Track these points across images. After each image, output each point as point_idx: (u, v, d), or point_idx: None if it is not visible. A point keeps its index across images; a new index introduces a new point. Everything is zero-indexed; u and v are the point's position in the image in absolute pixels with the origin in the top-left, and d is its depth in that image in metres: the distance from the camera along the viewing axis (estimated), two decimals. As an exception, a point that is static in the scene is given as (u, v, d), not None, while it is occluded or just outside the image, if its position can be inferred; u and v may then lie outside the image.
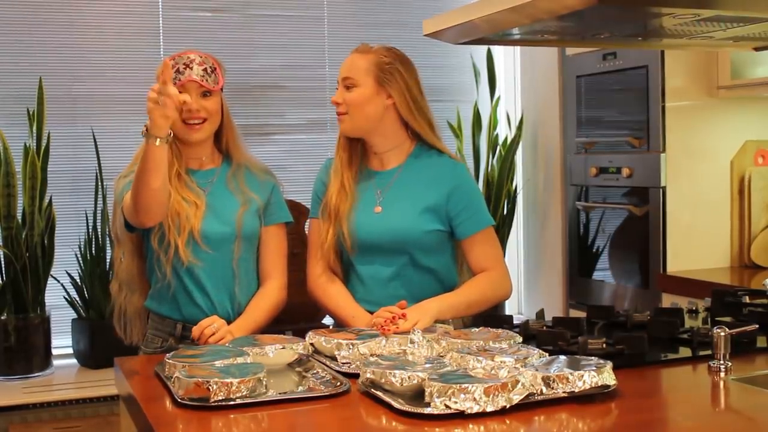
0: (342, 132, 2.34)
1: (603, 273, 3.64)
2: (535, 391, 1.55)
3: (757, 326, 1.95)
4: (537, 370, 1.58)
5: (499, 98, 4.10)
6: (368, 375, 1.63)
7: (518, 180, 4.20)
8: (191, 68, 2.26)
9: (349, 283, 2.35)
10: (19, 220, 3.36)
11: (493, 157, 4.03)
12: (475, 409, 1.47)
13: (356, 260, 2.31)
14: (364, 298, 2.30)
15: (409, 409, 1.50)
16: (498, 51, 4.25)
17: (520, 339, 1.92)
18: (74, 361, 3.57)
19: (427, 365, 1.65)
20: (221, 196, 2.29)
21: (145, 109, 2.04)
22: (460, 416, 1.47)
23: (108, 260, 3.52)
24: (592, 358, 1.67)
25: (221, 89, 2.31)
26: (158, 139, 2.05)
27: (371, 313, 2.21)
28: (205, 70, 2.27)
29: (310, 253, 2.37)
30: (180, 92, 2.10)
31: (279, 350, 1.84)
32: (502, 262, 2.37)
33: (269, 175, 2.42)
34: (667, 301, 3.02)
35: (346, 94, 2.29)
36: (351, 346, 1.85)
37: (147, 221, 2.17)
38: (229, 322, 2.24)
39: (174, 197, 2.23)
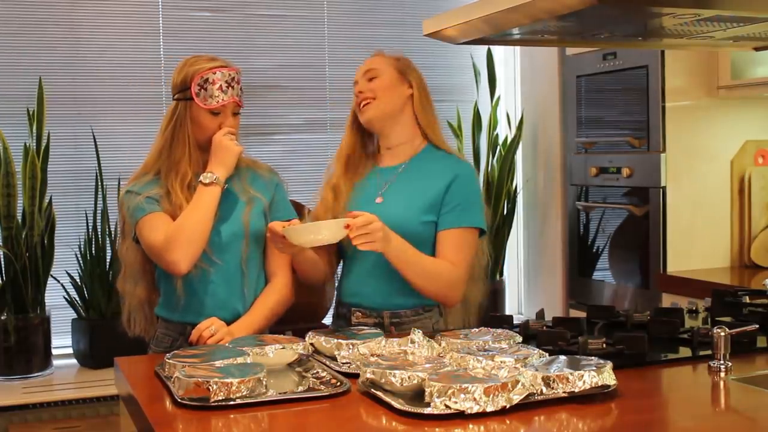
0: (365, 120, 2.37)
1: (603, 273, 3.64)
2: (535, 391, 1.55)
3: (757, 326, 1.95)
4: (537, 370, 1.58)
5: (499, 98, 4.10)
6: (368, 375, 1.63)
7: (518, 180, 4.20)
8: (233, 87, 2.28)
9: (347, 274, 2.37)
10: (19, 220, 3.36)
11: (493, 157, 4.03)
12: (475, 409, 1.47)
13: (353, 250, 2.31)
14: (358, 290, 2.33)
15: (409, 409, 1.50)
16: (498, 51, 4.25)
17: (520, 339, 1.92)
18: (74, 361, 3.57)
19: (427, 365, 1.65)
20: (227, 198, 2.29)
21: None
22: (460, 416, 1.46)
23: (108, 260, 3.52)
24: (592, 358, 1.67)
25: None
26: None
27: (364, 308, 2.31)
28: (240, 88, 2.32)
29: None
30: (219, 112, 2.26)
31: (279, 350, 1.84)
32: (467, 268, 2.32)
33: (273, 174, 2.44)
34: (667, 301, 3.02)
35: (369, 84, 2.36)
36: (351, 346, 1.86)
37: (190, 265, 2.19)
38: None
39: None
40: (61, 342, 3.58)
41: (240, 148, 2.27)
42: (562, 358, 1.67)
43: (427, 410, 1.48)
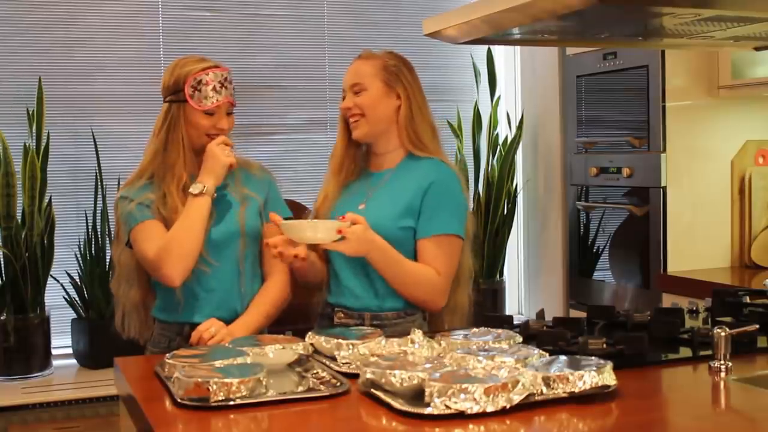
0: (357, 137, 2.36)
1: (603, 273, 3.64)
2: (535, 392, 1.54)
3: (757, 326, 1.95)
4: (537, 370, 1.58)
5: (499, 98, 4.09)
6: (368, 375, 1.63)
7: (518, 180, 4.20)
8: (226, 87, 2.29)
9: (333, 273, 2.36)
10: (19, 220, 3.35)
11: (493, 157, 4.02)
12: (475, 409, 1.47)
13: (335, 254, 2.32)
14: (342, 290, 2.33)
15: (409, 410, 1.50)
16: (498, 51, 4.25)
17: (520, 339, 1.92)
18: (74, 361, 3.57)
19: (427, 365, 1.65)
20: (220, 199, 2.29)
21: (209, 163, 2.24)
22: (460, 416, 1.46)
23: (108, 260, 3.52)
24: (593, 358, 1.67)
25: None
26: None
27: (346, 308, 2.31)
28: (233, 87, 2.32)
29: None
30: (214, 113, 2.27)
31: (279, 350, 1.84)
32: (450, 275, 2.30)
33: (266, 172, 2.44)
34: (668, 301, 3.02)
35: (356, 98, 2.33)
36: (351, 346, 1.85)
37: (183, 278, 2.20)
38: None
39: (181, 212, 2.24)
40: (61, 342, 3.58)
41: (231, 160, 2.26)
42: (563, 358, 1.67)
43: (427, 410, 1.48)
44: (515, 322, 2.20)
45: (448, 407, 1.47)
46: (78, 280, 3.52)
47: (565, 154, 3.91)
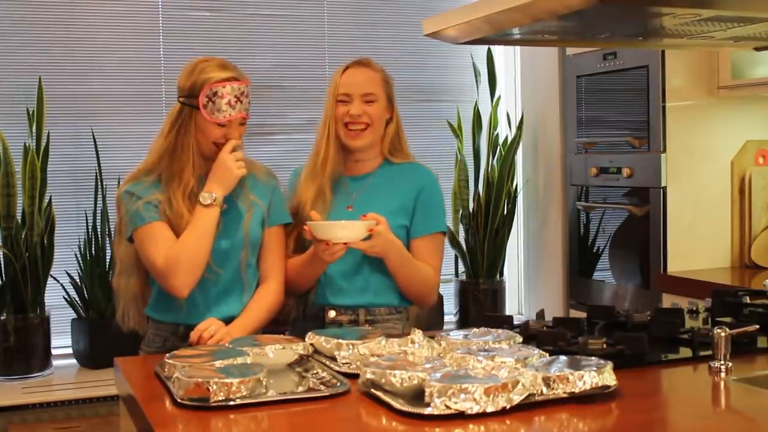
0: (357, 146, 2.40)
1: (603, 273, 3.64)
2: (535, 392, 1.54)
3: (757, 327, 1.95)
4: (537, 370, 1.58)
5: (499, 98, 4.09)
6: (368, 375, 1.63)
7: (518, 180, 4.20)
8: (241, 102, 2.25)
9: (326, 272, 2.37)
10: (19, 220, 3.35)
11: (493, 157, 4.02)
12: (476, 409, 1.47)
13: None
14: (337, 288, 2.36)
15: (409, 410, 1.50)
16: (498, 51, 4.25)
17: (520, 339, 1.92)
18: (74, 361, 3.57)
19: (427, 365, 1.64)
20: (229, 208, 2.28)
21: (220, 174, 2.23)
22: (460, 416, 1.46)
23: (108, 260, 3.52)
24: (593, 358, 1.67)
25: None
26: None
27: (338, 306, 2.35)
28: (249, 101, 2.29)
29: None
30: (224, 125, 2.24)
31: (279, 350, 1.84)
32: (440, 271, 2.45)
33: (271, 177, 2.43)
34: (668, 301, 3.02)
35: (367, 107, 2.38)
36: (351, 347, 1.85)
37: (191, 289, 2.21)
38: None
39: (188, 220, 2.23)
40: (61, 342, 3.58)
41: (242, 172, 2.25)
42: (563, 358, 1.67)
43: (427, 410, 1.48)
44: (515, 322, 2.20)
45: (448, 407, 1.47)
46: (78, 280, 3.52)
47: (565, 155, 3.91)
